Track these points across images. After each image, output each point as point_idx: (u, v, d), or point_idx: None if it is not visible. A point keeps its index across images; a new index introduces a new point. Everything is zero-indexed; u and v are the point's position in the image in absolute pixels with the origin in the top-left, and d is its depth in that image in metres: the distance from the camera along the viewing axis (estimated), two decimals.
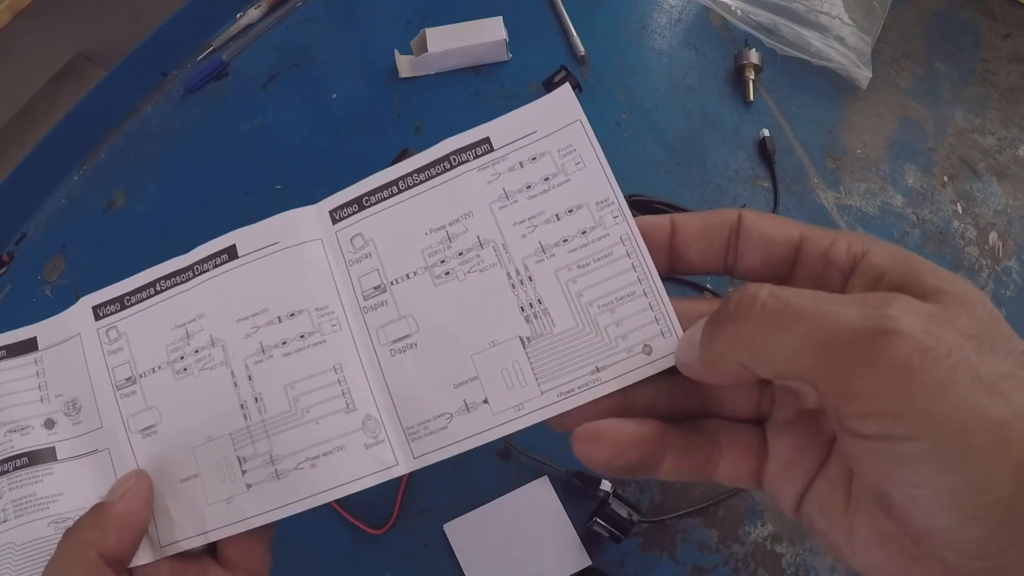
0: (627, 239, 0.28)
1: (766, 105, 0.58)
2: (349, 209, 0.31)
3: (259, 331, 0.30)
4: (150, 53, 0.61)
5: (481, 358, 0.28)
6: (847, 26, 0.59)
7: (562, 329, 0.28)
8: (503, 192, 0.30)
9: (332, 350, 0.29)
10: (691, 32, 0.62)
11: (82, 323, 0.31)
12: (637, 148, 0.57)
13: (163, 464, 0.30)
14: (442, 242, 0.29)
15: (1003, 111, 0.59)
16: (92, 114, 0.59)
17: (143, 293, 0.32)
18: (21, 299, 0.54)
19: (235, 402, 0.29)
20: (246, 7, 0.64)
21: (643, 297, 0.27)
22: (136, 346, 0.31)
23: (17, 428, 0.31)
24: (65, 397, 0.31)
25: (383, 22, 0.64)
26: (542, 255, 0.29)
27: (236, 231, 0.31)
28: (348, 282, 0.30)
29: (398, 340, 0.29)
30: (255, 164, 0.57)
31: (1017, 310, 0.51)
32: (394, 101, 0.59)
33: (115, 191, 0.57)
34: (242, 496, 0.28)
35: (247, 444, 0.29)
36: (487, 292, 0.28)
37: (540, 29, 0.62)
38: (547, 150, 0.30)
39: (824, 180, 0.56)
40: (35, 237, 0.56)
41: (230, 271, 0.31)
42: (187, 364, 0.30)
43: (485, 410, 0.28)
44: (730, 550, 0.44)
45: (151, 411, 0.30)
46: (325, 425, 0.28)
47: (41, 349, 0.32)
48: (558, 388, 0.27)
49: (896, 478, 0.18)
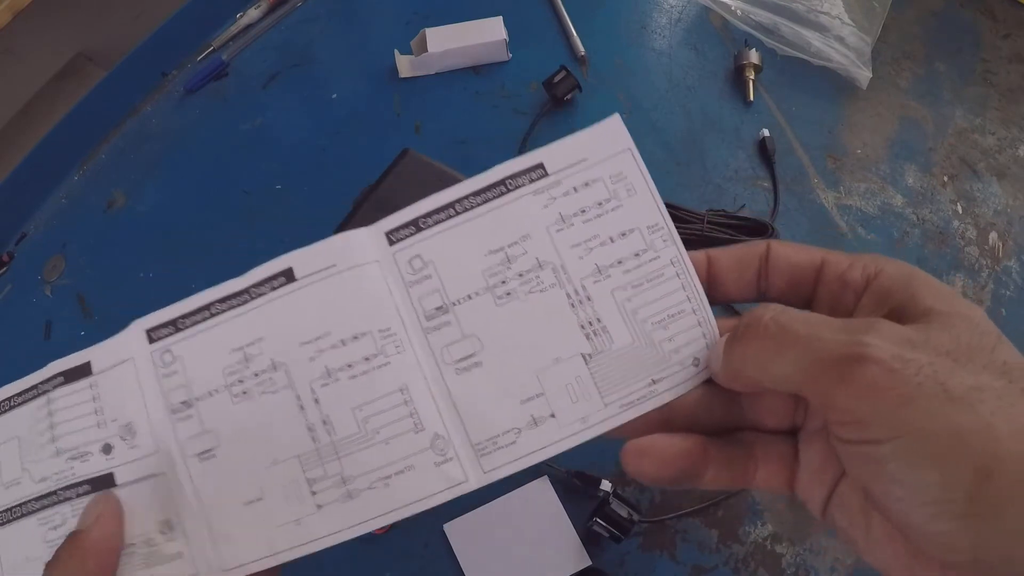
0: (676, 261, 0.30)
1: (766, 105, 0.58)
2: (405, 231, 0.31)
3: (323, 354, 0.30)
4: (150, 53, 0.61)
5: (546, 374, 0.30)
6: (847, 26, 0.59)
7: (620, 345, 0.29)
8: (559, 216, 0.31)
9: (397, 371, 0.30)
10: (691, 32, 0.62)
11: (135, 346, 0.31)
12: (637, 148, 0.57)
13: (223, 487, 0.30)
14: (502, 263, 0.31)
15: (1003, 111, 0.59)
16: (92, 114, 0.59)
17: (198, 316, 0.31)
18: (21, 299, 0.54)
19: (302, 425, 0.30)
20: (246, 7, 0.64)
21: (692, 314, 0.29)
22: (192, 369, 0.30)
23: (77, 455, 0.30)
24: (120, 421, 0.31)
25: (383, 22, 0.64)
26: (599, 276, 0.30)
27: (292, 253, 0.31)
28: (409, 303, 0.30)
29: (463, 359, 0.30)
30: (255, 164, 0.57)
31: (1017, 310, 0.51)
32: (394, 101, 0.59)
33: (115, 191, 0.57)
34: (312, 517, 0.29)
35: (316, 466, 0.29)
36: (548, 311, 0.30)
37: (540, 29, 0.62)
38: (599, 176, 0.31)
39: (824, 180, 0.56)
40: (35, 237, 0.56)
41: (289, 294, 0.31)
42: (247, 388, 0.30)
43: (552, 424, 0.29)
44: (730, 550, 0.44)
45: (209, 435, 0.30)
46: (395, 445, 0.29)
47: (95, 373, 0.31)
48: (619, 400, 0.29)
49: (874, 476, 0.21)
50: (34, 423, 0.31)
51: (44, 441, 0.31)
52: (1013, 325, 0.51)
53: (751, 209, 0.54)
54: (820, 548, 0.44)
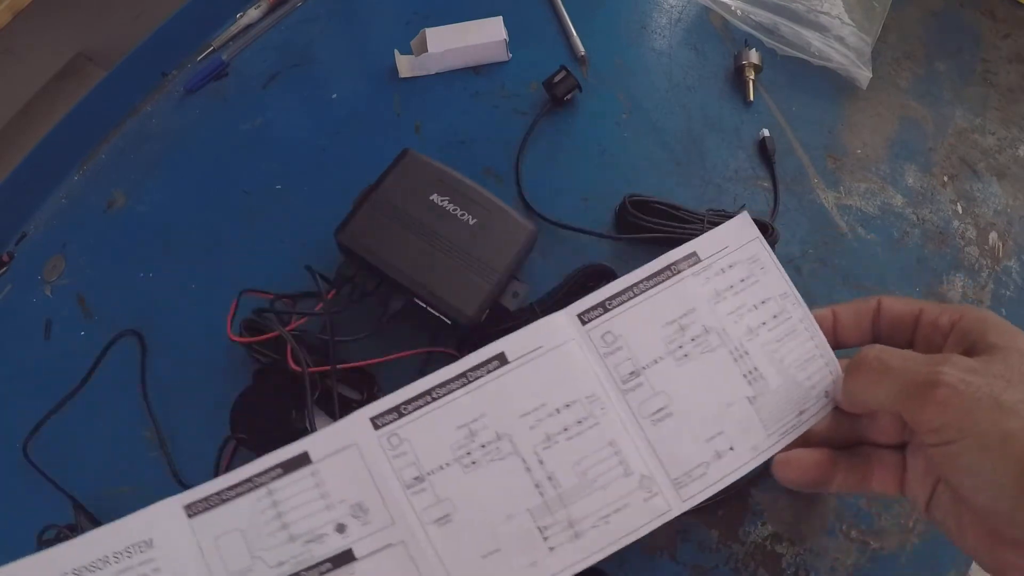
0: (805, 319, 0.38)
1: (766, 105, 0.58)
2: (595, 312, 0.38)
3: (542, 423, 0.35)
4: (150, 53, 0.61)
5: (722, 416, 0.36)
6: (847, 26, 0.59)
7: (774, 387, 0.37)
8: (715, 291, 0.38)
9: (605, 429, 0.35)
10: (691, 32, 0.62)
11: (359, 433, 0.35)
12: (637, 148, 0.57)
13: (462, 546, 0.34)
14: (676, 332, 0.38)
15: (1003, 111, 0.59)
16: (92, 114, 0.59)
17: (419, 401, 0.35)
18: (21, 299, 0.54)
19: (530, 483, 0.35)
20: (246, 7, 0.64)
21: (820, 358, 0.38)
22: (420, 448, 0.35)
23: (313, 538, 0.33)
24: (350, 501, 0.34)
25: (383, 22, 0.64)
26: (751, 335, 0.38)
27: (501, 340, 0.36)
28: (606, 371, 0.36)
29: (656, 412, 0.36)
30: (255, 164, 0.57)
31: (1017, 310, 0.51)
32: (394, 101, 0.59)
33: (115, 191, 0.57)
34: (546, 558, 0.34)
35: (546, 515, 0.34)
36: (718, 366, 0.37)
37: (540, 29, 0.62)
38: (739, 260, 0.39)
39: (824, 180, 0.56)
40: (35, 237, 0.56)
41: (505, 374, 0.36)
42: (475, 458, 0.35)
43: (732, 455, 0.36)
44: (730, 550, 0.44)
45: (444, 503, 0.34)
46: (611, 489, 0.35)
47: (315, 462, 0.34)
48: (779, 430, 0.37)
49: (952, 470, 0.29)
50: (257, 513, 0.34)
51: (273, 529, 0.33)
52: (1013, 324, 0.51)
53: (751, 209, 0.54)
54: (820, 548, 0.44)
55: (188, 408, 0.49)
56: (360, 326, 0.46)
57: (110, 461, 0.48)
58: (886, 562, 0.44)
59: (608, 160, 0.56)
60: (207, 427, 0.48)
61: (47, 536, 0.43)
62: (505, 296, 0.47)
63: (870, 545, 0.45)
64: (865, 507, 0.45)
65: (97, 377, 0.50)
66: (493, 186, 0.53)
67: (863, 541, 0.45)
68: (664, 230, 0.51)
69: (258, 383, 0.47)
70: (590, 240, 0.53)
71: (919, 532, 0.45)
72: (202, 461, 0.46)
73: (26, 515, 0.46)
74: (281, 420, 0.45)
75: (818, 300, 0.50)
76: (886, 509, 0.45)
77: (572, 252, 0.53)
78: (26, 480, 0.47)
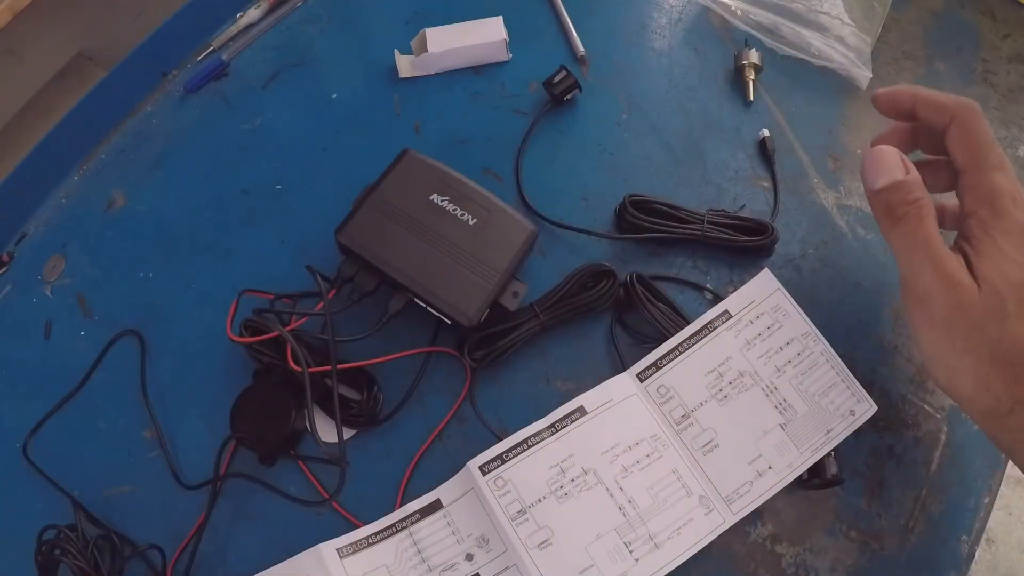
0: (825, 352, 0.46)
1: (766, 105, 0.58)
2: (649, 371, 0.46)
3: (619, 458, 0.44)
4: (150, 53, 0.61)
5: (759, 442, 0.44)
6: (847, 26, 0.59)
7: (802, 413, 0.45)
8: (746, 341, 0.47)
9: (667, 460, 0.44)
10: (691, 32, 0.62)
11: (474, 480, 0.43)
12: (637, 148, 0.57)
13: (562, 564, 0.41)
14: (716, 378, 0.46)
15: (1003, 111, 0.59)
16: (92, 114, 0.59)
17: (518, 449, 0.44)
18: (21, 299, 0.54)
19: (614, 506, 0.42)
20: (246, 7, 0.64)
21: (842, 383, 0.45)
22: (520, 487, 0.43)
23: (447, 567, 0.42)
24: (475, 535, 0.42)
25: (383, 22, 0.64)
26: (779, 373, 0.46)
27: (581, 397, 0.46)
28: (663, 417, 0.45)
29: (706, 444, 0.44)
30: (255, 164, 0.57)
31: None
32: (394, 101, 0.59)
33: (115, 191, 0.57)
34: (634, 568, 0.41)
35: (629, 531, 0.42)
36: (752, 402, 0.45)
37: (540, 29, 0.62)
38: (764, 311, 0.48)
39: (824, 180, 0.56)
40: (35, 237, 0.56)
41: (586, 423, 0.45)
42: (567, 490, 0.43)
43: (771, 473, 0.44)
44: (730, 550, 0.44)
45: (543, 530, 0.42)
46: (678, 507, 0.43)
47: (446, 506, 0.43)
48: (810, 448, 0.44)
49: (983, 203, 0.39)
50: (401, 551, 0.42)
51: (415, 563, 0.42)
52: None
53: (751, 209, 0.54)
54: (820, 548, 0.44)
55: (188, 408, 0.49)
56: (360, 326, 0.46)
57: (110, 461, 0.48)
58: (886, 562, 0.44)
59: (608, 160, 0.56)
60: (207, 427, 0.48)
61: (47, 536, 0.43)
62: (505, 296, 0.47)
63: (870, 545, 0.45)
64: (865, 507, 0.45)
65: (97, 377, 0.50)
66: (493, 186, 0.53)
67: (863, 541, 0.45)
68: (664, 230, 0.51)
69: (258, 383, 0.47)
70: (590, 240, 0.53)
71: (919, 532, 0.45)
72: (202, 461, 0.46)
73: (26, 515, 0.46)
74: (281, 420, 0.45)
75: (818, 300, 0.50)
76: (886, 509, 0.45)
77: (572, 252, 0.53)
78: (26, 480, 0.47)
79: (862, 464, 0.46)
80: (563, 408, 0.45)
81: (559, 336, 0.50)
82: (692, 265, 0.52)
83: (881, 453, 0.46)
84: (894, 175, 0.38)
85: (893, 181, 0.38)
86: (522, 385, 0.48)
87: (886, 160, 0.39)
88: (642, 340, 0.49)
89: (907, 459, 0.46)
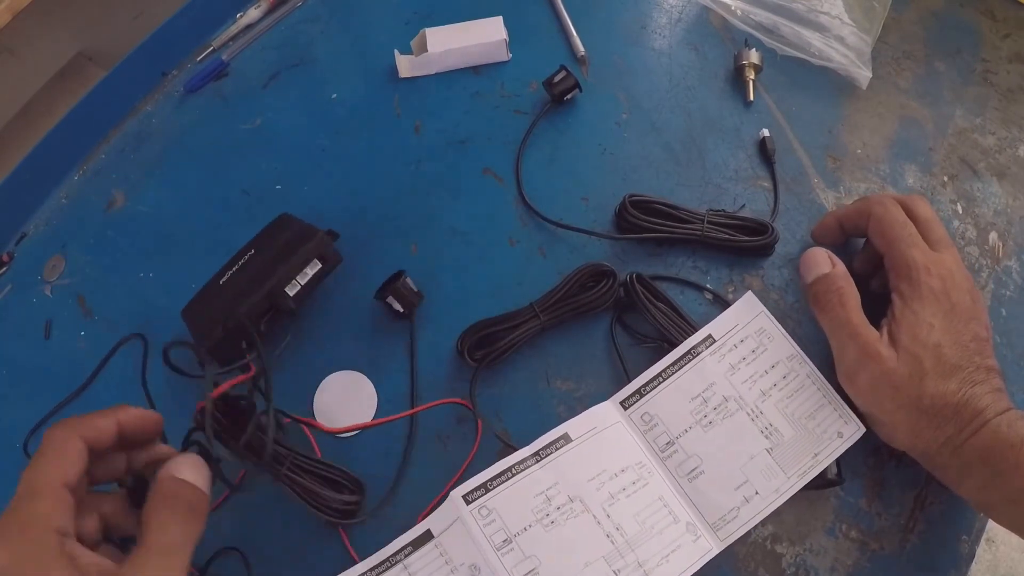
0: (812, 375, 0.45)
1: (766, 105, 0.58)
2: (634, 397, 0.46)
3: (605, 485, 0.43)
4: (150, 53, 0.61)
5: (746, 468, 0.43)
6: (847, 26, 0.59)
7: (788, 437, 0.44)
8: (730, 365, 0.46)
9: (653, 488, 0.43)
10: (691, 32, 0.62)
11: (458, 510, 0.42)
12: (637, 148, 0.57)
13: None
14: (701, 404, 0.45)
15: (1003, 111, 0.59)
16: (92, 114, 0.59)
17: (501, 477, 0.43)
18: (21, 299, 0.54)
19: (602, 534, 0.42)
20: (246, 7, 0.64)
21: (829, 405, 0.44)
22: (505, 516, 0.42)
23: None
24: (467, 563, 0.41)
25: (383, 22, 0.64)
26: (764, 397, 0.45)
27: (566, 424, 0.45)
28: (647, 444, 0.45)
29: (691, 471, 0.44)
30: (255, 164, 0.57)
31: (1017, 310, 0.51)
32: (394, 101, 0.59)
33: (115, 191, 0.57)
34: None
35: (617, 559, 0.41)
36: (738, 427, 0.44)
37: (540, 29, 0.62)
38: (748, 334, 0.47)
39: (824, 180, 0.56)
40: (35, 237, 0.56)
41: (571, 450, 0.44)
42: (553, 518, 0.42)
43: (758, 498, 0.43)
44: (730, 550, 0.44)
45: (530, 559, 0.41)
46: (665, 534, 0.42)
47: (436, 536, 0.42)
48: (797, 472, 0.43)
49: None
50: None
51: None
52: (1013, 325, 0.51)
53: (751, 209, 0.54)
54: (820, 548, 0.44)
55: (188, 408, 0.49)
56: None
57: None
58: (886, 562, 0.44)
59: (608, 160, 0.56)
60: None
61: None
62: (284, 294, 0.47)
63: (870, 545, 0.45)
64: (865, 507, 0.45)
65: (97, 377, 0.50)
66: (493, 186, 0.53)
67: (863, 541, 0.45)
68: (664, 230, 0.51)
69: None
70: (590, 240, 0.53)
71: (919, 532, 0.45)
72: None
73: None
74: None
75: None
76: (886, 509, 0.45)
77: (572, 252, 0.53)
78: None
79: (862, 464, 0.46)
80: (547, 436, 0.44)
81: (559, 336, 0.50)
82: (692, 265, 0.52)
83: (881, 453, 0.46)
84: (821, 270, 0.45)
85: (820, 275, 0.45)
86: (522, 385, 0.48)
87: (815, 258, 0.46)
88: (642, 340, 0.49)
89: (907, 459, 0.46)
